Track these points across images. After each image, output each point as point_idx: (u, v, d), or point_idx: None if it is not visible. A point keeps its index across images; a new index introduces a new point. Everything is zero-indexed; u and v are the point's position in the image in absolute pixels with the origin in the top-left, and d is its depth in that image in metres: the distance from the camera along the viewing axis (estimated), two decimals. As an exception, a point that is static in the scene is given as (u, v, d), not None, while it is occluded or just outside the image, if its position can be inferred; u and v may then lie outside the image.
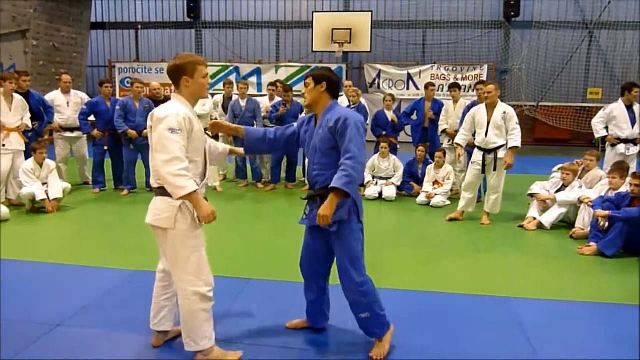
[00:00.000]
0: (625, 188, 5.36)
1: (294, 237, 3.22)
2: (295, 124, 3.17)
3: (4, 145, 6.34)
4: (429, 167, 7.24)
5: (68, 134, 7.63)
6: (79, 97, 7.75)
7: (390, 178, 7.44)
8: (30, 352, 2.95)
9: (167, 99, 7.66)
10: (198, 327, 2.78)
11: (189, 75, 2.68)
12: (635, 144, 6.75)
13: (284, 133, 3.12)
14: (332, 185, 2.68)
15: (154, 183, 2.73)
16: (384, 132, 7.72)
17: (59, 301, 3.65)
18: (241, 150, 3.25)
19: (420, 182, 7.38)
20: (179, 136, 2.55)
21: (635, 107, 6.76)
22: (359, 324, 2.98)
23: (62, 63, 13.15)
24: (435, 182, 7.11)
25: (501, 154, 5.75)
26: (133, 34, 15.61)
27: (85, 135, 7.65)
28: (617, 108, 6.82)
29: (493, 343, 3.15)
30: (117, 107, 7.15)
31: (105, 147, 7.43)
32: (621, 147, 6.77)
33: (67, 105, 7.57)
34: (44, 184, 6.28)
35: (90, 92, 12.16)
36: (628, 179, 5.48)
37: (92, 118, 7.45)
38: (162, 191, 2.69)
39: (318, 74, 2.89)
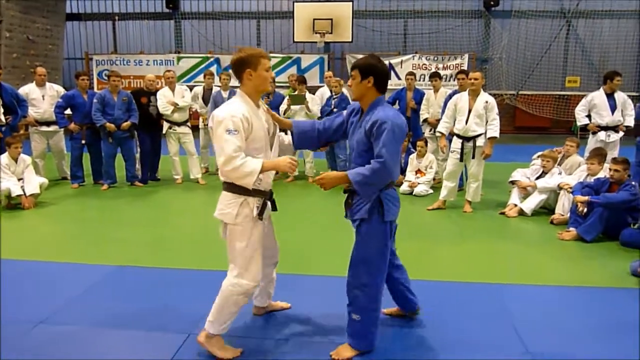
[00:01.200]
0: (603, 174, 5.46)
1: (279, 227, 3.20)
2: (345, 112, 3.01)
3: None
4: (411, 156, 7.26)
5: (44, 128, 7.45)
6: (55, 90, 7.57)
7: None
8: (12, 349, 2.89)
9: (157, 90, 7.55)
10: (224, 314, 2.83)
11: (252, 68, 2.68)
12: (616, 131, 6.86)
13: (331, 124, 2.98)
14: (348, 172, 2.66)
15: (220, 177, 2.78)
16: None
17: (40, 298, 3.58)
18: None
19: (402, 172, 7.39)
20: (235, 137, 2.58)
21: (617, 95, 6.86)
22: (347, 324, 2.88)
23: (37, 55, 12.82)
24: (418, 171, 7.14)
25: (480, 142, 5.79)
26: (110, 25, 15.29)
27: (62, 129, 7.48)
28: (598, 96, 6.93)
29: (479, 330, 3.18)
30: (95, 100, 7.00)
31: (83, 141, 7.28)
32: (601, 135, 6.88)
33: (42, 98, 7.39)
34: (19, 179, 6.13)
35: (67, 85, 11.89)
36: (606, 164, 5.58)
37: (68, 111, 7.30)
38: (226, 186, 2.75)
39: (365, 66, 2.70)
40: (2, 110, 6.50)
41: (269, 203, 2.83)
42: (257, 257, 2.81)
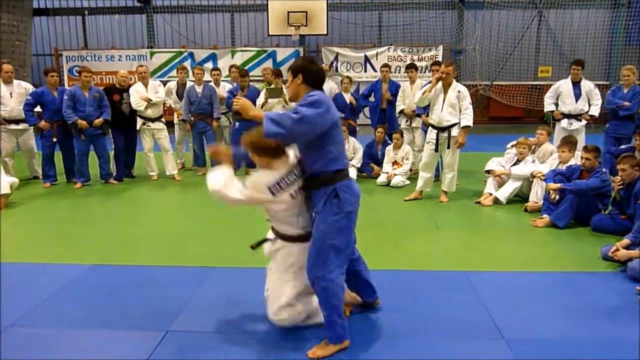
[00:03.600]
0: (574, 161, 5.57)
1: (258, 223, 3.20)
2: None
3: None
4: (388, 147, 7.30)
5: (13, 127, 7.22)
6: (23, 88, 7.34)
7: (350, 160, 7.46)
8: (-20, 354, 2.82)
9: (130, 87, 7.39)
10: None
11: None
12: (579, 119, 7.01)
13: None
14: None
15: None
16: (343, 115, 7.70)
17: (10, 301, 3.48)
18: None
19: (379, 163, 7.44)
20: None
21: (583, 84, 7.00)
22: None
23: (3, 52, 12.43)
24: (395, 163, 7.18)
25: (454, 132, 5.85)
26: (80, 20, 14.92)
27: (32, 127, 7.28)
28: (564, 84, 7.10)
29: (454, 317, 3.22)
30: (65, 97, 6.83)
31: (55, 139, 7.10)
32: (564, 122, 7.05)
33: (10, 96, 7.16)
34: (-12, 179, 5.96)
35: (36, 82, 11.59)
36: (577, 152, 5.70)
37: (38, 109, 7.10)
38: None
39: (294, 66, 2.80)
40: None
41: None
42: None
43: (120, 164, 7.48)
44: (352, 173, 7.25)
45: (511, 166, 6.12)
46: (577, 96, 6.96)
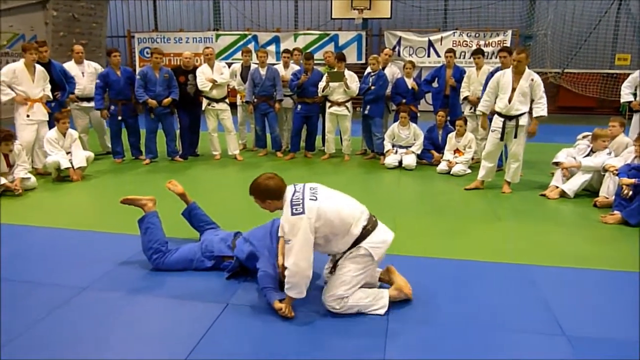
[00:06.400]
0: (652, 155, 5.24)
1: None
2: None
3: (28, 116, 6.47)
4: (450, 135, 7.14)
5: (85, 104, 7.69)
6: (93, 67, 7.78)
7: (410, 147, 7.36)
8: (60, 312, 3.07)
9: (195, 68, 7.64)
10: None
11: None
12: None
13: None
14: None
15: None
16: (404, 100, 7.60)
17: (85, 266, 3.76)
18: None
19: (439, 148, 7.30)
20: None
21: None
22: None
23: (81, 34, 13.15)
24: (457, 151, 7.03)
25: (522, 121, 5.63)
26: (151, 3, 15.52)
27: (102, 104, 7.71)
28: None
29: (514, 310, 3.15)
30: (138, 77, 7.18)
31: (120, 117, 7.44)
32: (644, 113, 6.61)
33: (82, 75, 7.61)
34: (67, 153, 6.40)
35: (110, 63, 12.18)
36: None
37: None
38: None
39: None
40: (50, 87, 6.74)
41: None
42: None
43: (185, 142, 7.78)
44: (412, 159, 7.18)
45: (583, 158, 5.83)
46: None
